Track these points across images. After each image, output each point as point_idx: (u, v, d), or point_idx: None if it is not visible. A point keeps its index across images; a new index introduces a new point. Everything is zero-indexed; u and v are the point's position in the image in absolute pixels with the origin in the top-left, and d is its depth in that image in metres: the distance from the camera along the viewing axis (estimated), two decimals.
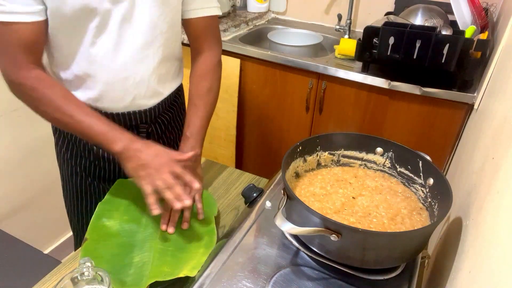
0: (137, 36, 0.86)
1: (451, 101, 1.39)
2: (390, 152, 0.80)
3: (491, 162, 0.66)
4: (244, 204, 0.84)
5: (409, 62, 1.36)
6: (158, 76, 0.93)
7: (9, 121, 1.44)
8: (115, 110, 0.93)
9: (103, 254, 0.79)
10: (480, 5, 1.47)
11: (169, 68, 0.97)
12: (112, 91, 0.89)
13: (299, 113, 1.72)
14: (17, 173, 1.56)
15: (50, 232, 1.79)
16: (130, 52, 0.86)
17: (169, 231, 0.85)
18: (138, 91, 0.92)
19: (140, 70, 0.89)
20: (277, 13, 2.20)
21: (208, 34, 0.99)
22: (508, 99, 0.76)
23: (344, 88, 1.56)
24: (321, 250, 0.64)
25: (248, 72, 1.75)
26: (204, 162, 1.16)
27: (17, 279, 0.82)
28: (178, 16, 0.92)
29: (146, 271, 0.76)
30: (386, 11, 1.82)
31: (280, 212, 0.60)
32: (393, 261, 0.65)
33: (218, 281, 0.62)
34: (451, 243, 0.73)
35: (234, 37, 1.82)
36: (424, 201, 0.74)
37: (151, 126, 1.01)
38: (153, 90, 0.94)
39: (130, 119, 0.96)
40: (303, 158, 0.79)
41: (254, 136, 1.92)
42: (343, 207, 0.71)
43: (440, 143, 1.49)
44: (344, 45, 1.59)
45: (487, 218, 0.55)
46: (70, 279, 0.65)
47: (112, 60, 0.85)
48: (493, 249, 0.48)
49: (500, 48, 1.14)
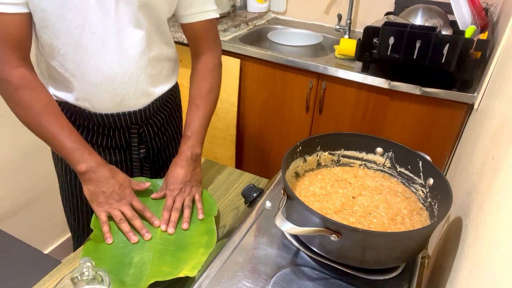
0: (122, 35, 0.85)
1: (451, 101, 1.39)
2: (390, 152, 0.80)
3: (491, 162, 0.66)
4: (244, 204, 0.84)
5: (409, 62, 1.36)
6: (148, 76, 0.92)
7: (9, 121, 1.44)
8: (104, 110, 0.93)
9: (103, 254, 0.80)
10: (480, 5, 1.47)
11: (160, 68, 0.96)
12: (101, 92, 0.89)
13: (299, 113, 1.72)
14: (17, 173, 1.56)
15: (50, 232, 1.79)
16: (117, 52, 0.85)
17: (169, 231, 0.86)
18: (127, 91, 0.91)
19: (128, 70, 0.88)
20: (277, 13, 2.20)
21: (207, 36, 0.99)
22: (508, 99, 0.76)
23: (344, 88, 1.56)
24: (321, 250, 0.64)
25: (248, 72, 1.75)
26: (204, 162, 1.16)
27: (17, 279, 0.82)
28: (163, 17, 0.90)
29: (146, 271, 0.76)
30: (386, 11, 1.82)
31: (280, 212, 0.60)
32: (393, 261, 0.65)
33: (218, 281, 0.62)
34: (451, 243, 0.73)
35: (234, 37, 1.82)
36: (424, 201, 0.74)
37: (143, 127, 1.00)
38: (142, 90, 0.93)
39: (120, 120, 0.95)
40: (303, 158, 0.79)
41: (254, 136, 1.92)
42: (343, 207, 0.71)
43: (440, 143, 1.49)
44: (344, 45, 1.60)
45: (487, 218, 0.55)
46: (70, 279, 0.65)
47: (98, 60, 0.85)
48: (493, 249, 0.48)
49: (500, 48, 1.14)
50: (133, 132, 0.99)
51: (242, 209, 0.92)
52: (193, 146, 0.95)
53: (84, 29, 0.81)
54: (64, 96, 0.91)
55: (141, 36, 0.87)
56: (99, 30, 0.82)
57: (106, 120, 0.94)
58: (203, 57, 1.00)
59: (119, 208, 0.85)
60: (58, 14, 0.78)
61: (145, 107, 0.97)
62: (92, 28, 0.81)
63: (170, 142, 1.11)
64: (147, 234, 0.84)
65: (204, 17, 0.95)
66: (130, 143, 1.01)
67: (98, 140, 0.98)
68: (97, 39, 0.83)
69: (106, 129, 0.97)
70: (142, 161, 1.06)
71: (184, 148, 0.95)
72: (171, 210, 0.89)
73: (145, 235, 0.84)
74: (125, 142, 1.00)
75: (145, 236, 0.84)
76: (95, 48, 0.83)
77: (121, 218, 0.84)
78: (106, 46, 0.84)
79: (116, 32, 0.83)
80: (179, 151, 0.96)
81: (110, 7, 0.81)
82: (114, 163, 1.00)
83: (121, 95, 0.91)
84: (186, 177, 0.93)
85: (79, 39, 0.82)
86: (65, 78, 0.88)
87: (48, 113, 0.83)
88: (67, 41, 0.82)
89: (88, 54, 0.84)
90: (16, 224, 1.60)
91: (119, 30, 0.84)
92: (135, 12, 0.83)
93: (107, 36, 0.83)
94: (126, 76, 0.89)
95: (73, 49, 0.83)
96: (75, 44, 0.82)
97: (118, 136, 0.98)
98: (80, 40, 0.82)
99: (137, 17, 0.84)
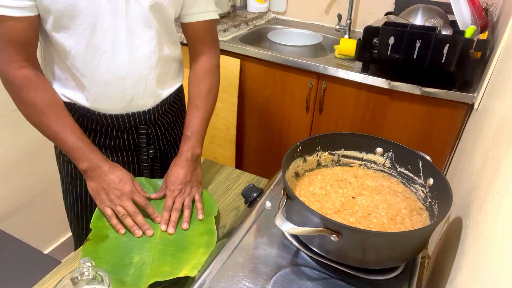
0: (133, 35, 0.85)
1: (451, 101, 1.39)
2: (390, 152, 0.80)
3: (491, 162, 0.66)
4: (244, 204, 0.84)
5: (409, 62, 1.36)
6: (157, 76, 0.93)
7: (9, 121, 1.44)
8: (113, 111, 0.93)
9: (103, 254, 0.80)
10: (480, 5, 1.47)
11: (168, 68, 0.97)
12: (110, 91, 0.89)
13: (299, 113, 1.72)
14: (17, 173, 1.56)
15: (50, 232, 1.79)
16: (127, 51, 0.86)
17: (169, 231, 0.86)
18: (136, 91, 0.91)
19: (137, 70, 0.89)
20: (277, 13, 2.20)
21: (206, 37, 0.99)
22: (508, 99, 0.76)
23: (344, 88, 1.56)
24: (321, 250, 0.64)
25: (248, 72, 1.75)
26: (204, 162, 1.16)
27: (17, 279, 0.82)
28: (171, 17, 0.91)
29: (146, 271, 0.76)
30: (386, 11, 1.82)
31: (280, 212, 0.60)
32: (393, 261, 0.65)
33: (218, 281, 0.62)
34: (451, 243, 0.73)
35: (234, 37, 1.82)
36: (424, 201, 0.74)
37: (151, 128, 1.01)
38: (151, 90, 0.94)
39: (129, 120, 0.95)
40: (303, 158, 0.79)
41: (254, 136, 1.92)
42: (343, 207, 0.71)
43: (440, 143, 1.49)
44: (344, 45, 1.59)
45: (487, 218, 0.55)
46: (70, 279, 0.65)
47: (109, 60, 0.85)
48: (493, 249, 0.48)
49: (500, 48, 1.14)
50: (141, 133, 0.99)
51: (242, 209, 0.92)
52: (194, 146, 0.96)
53: (95, 29, 0.81)
54: (74, 97, 0.91)
55: (151, 35, 0.87)
56: (109, 30, 0.82)
57: (116, 121, 0.94)
58: (202, 58, 1.00)
59: (121, 204, 0.86)
60: (70, 15, 0.78)
61: (154, 107, 0.97)
62: (103, 28, 0.82)
63: (176, 142, 1.11)
64: (148, 230, 0.85)
65: (205, 17, 0.96)
66: (139, 144, 1.01)
67: (106, 142, 0.98)
68: (108, 39, 0.83)
69: (115, 131, 0.97)
70: (151, 161, 1.06)
71: (184, 149, 0.96)
72: (171, 211, 0.89)
73: (147, 231, 0.84)
74: (134, 143, 1.01)
75: (147, 232, 0.84)
76: (105, 48, 0.84)
77: (124, 214, 0.85)
78: (117, 46, 0.84)
79: (127, 32, 0.84)
80: (179, 152, 0.97)
81: (120, 7, 0.81)
82: (124, 164, 1.00)
83: (131, 95, 0.91)
84: (186, 178, 0.93)
85: (90, 39, 0.82)
86: (75, 79, 0.88)
87: (51, 112, 0.84)
88: (78, 41, 0.82)
89: (98, 54, 0.84)
90: (16, 224, 1.60)
91: (130, 30, 0.84)
92: (145, 12, 0.84)
93: (117, 36, 0.84)
94: (136, 75, 0.89)
95: (84, 49, 0.83)
96: (86, 44, 0.83)
97: (127, 137, 0.99)
98: (91, 40, 0.82)
99: (148, 17, 0.85)
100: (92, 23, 0.81)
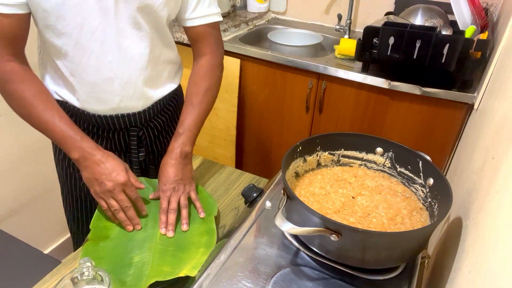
0: (122, 36, 0.85)
1: (451, 101, 1.39)
2: (390, 152, 0.80)
3: (491, 162, 0.66)
4: (244, 204, 0.84)
5: (409, 62, 1.36)
6: (147, 78, 0.92)
7: (9, 121, 1.44)
8: (103, 112, 0.93)
9: (103, 254, 0.80)
10: (480, 5, 1.47)
11: (160, 70, 0.95)
12: (99, 92, 0.89)
13: (299, 113, 1.72)
14: (17, 173, 1.56)
15: (50, 232, 1.79)
16: (116, 52, 0.85)
17: (168, 235, 0.85)
18: (125, 92, 0.90)
19: (127, 71, 0.88)
20: (277, 13, 2.20)
21: (209, 39, 0.98)
22: (508, 99, 0.76)
23: (344, 88, 1.56)
24: (321, 250, 0.64)
25: (248, 72, 1.75)
26: (204, 162, 1.16)
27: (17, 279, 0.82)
28: (163, 19, 0.90)
29: (146, 271, 0.76)
30: (386, 11, 1.82)
31: (280, 212, 0.60)
32: (393, 261, 0.65)
33: (218, 281, 0.62)
34: (451, 243, 0.73)
35: (234, 37, 1.82)
36: (424, 201, 0.74)
37: (143, 130, 1.00)
38: (141, 92, 0.93)
39: (119, 122, 0.95)
40: (303, 158, 0.79)
41: (254, 136, 1.92)
42: (343, 207, 0.71)
43: (440, 143, 1.49)
44: (344, 45, 1.60)
45: (487, 218, 0.55)
46: (70, 279, 0.65)
47: (97, 60, 0.85)
48: (493, 249, 0.48)
49: (500, 48, 1.14)
50: (132, 135, 0.98)
51: (242, 209, 0.92)
52: (184, 143, 0.93)
53: (83, 29, 0.81)
54: (66, 97, 0.91)
55: (140, 37, 0.87)
56: (98, 30, 0.82)
57: (106, 122, 0.94)
58: (204, 58, 0.99)
59: (114, 197, 0.84)
60: (58, 14, 0.78)
61: (145, 110, 0.97)
62: (91, 28, 0.81)
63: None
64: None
65: (208, 20, 0.95)
66: (130, 146, 1.00)
67: (97, 143, 0.97)
68: (96, 39, 0.83)
69: (105, 132, 0.96)
70: (143, 164, 1.05)
71: (174, 146, 0.93)
72: (168, 212, 0.88)
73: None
74: (125, 145, 1.00)
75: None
76: (94, 49, 0.84)
77: (116, 208, 0.84)
78: (106, 47, 0.84)
79: (116, 32, 0.84)
80: (169, 149, 0.94)
81: (109, 8, 0.81)
82: None
83: (120, 96, 0.91)
84: (177, 176, 0.91)
85: (78, 39, 0.82)
86: (66, 78, 0.88)
87: (38, 103, 0.83)
88: (66, 41, 0.82)
89: (87, 54, 0.84)
90: (16, 224, 1.60)
91: (119, 31, 0.84)
92: (134, 14, 0.83)
93: (106, 37, 0.83)
94: (125, 77, 0.88)
95: (72, 49, 0.83)
96: (74, 44, 0.82)
97: (117, 138, 0.98)
98: (79, 40, 0.82)
99: (136, 19, 0.84)
100: (80, 23, 0.80)
